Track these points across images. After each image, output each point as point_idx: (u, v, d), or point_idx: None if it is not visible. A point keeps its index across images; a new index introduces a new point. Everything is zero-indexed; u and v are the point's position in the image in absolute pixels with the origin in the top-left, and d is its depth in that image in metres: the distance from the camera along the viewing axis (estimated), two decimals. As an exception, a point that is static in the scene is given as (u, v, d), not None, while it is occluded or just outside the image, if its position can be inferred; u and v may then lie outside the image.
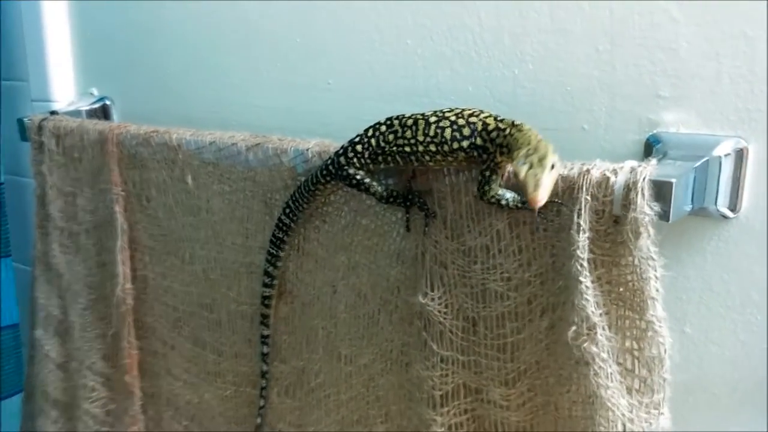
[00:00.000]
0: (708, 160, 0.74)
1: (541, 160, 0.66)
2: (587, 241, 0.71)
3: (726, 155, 0.76)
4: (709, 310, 0.82)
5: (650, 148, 0.80)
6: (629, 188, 0.69)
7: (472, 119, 0.76)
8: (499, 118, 0.75)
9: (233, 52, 1.19)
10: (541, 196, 0.65)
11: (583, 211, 0.71)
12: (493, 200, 0.72)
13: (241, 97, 1.19)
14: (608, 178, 0.70)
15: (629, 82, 0.83)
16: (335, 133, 0.92)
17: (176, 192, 1.08)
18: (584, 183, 0.71)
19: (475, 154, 0.76)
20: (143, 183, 1.12)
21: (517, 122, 0.74)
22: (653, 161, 0.70)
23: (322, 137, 0.94)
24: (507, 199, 0.75)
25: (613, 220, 0.72)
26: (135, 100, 1.37)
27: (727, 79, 0.77)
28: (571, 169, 0.73)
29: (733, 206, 0.77)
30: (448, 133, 0.76)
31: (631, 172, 0.69)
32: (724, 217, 0.77)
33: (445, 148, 0.77)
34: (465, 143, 0.75)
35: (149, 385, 1.22)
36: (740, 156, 0.76)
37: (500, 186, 0.76)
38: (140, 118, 1.24)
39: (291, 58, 1.08)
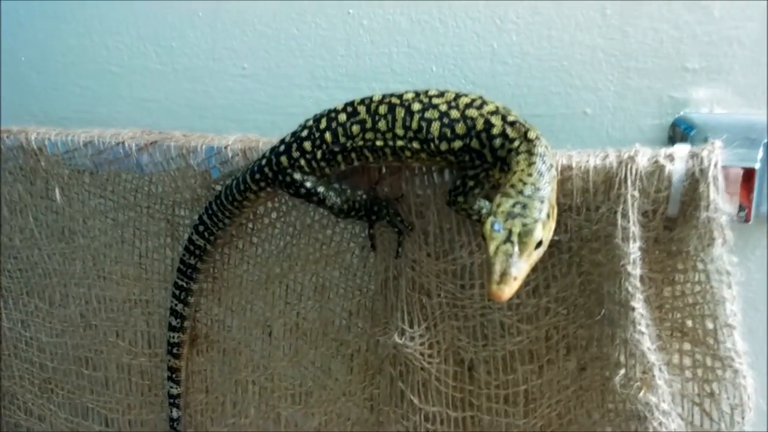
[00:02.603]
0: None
1: (527, 234, 0.48)
2: (639, 253, 0.53)
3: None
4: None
5: (678, 134, 0.65)
6: (695, 179, 0.52)
7: (471, 112, 0.57)
8: (509, 119, 0.56)
9: (109, 32, 0.95)
10: (505, 293, 0.46)
11: (630, 212, 0.54)
12: (461, 211, 0.60)
13: (124, 89, 0.96)
14: (662, 167, 0.53)
15: (645, 52, 0.69)
16: (254, 133, 0.77)
17: (39, 212, 0.89)
18: (628, 174, 0.54)
19: (467, 158, 0.58)
20: (-11, 201, 0.96)
21: (532, 133, 0.55)
22: (718, 142, 0.53)
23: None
24: (479, 213, 0.60)
25: (664, 224, 0.55)
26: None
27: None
28: (606, 157, 0.56)
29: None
30: (435, 128, 0.58)
31: (693, 158, 0.52)
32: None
33: (431, 147, 0.59)
34: (456, 144, 0.58)
35: (8, 473, 1.00)
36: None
37: (479, 198, 0.60)
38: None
39: (191, 37, 0.90)
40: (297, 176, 0.66)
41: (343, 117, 0.63)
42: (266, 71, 0.88)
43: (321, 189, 0.66)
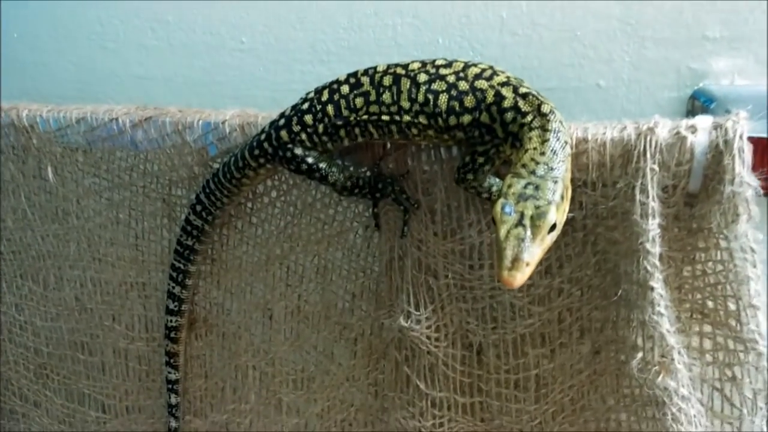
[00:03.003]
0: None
1: (540, 216, 0.45)
2: (658, 230, 0.51)
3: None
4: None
5: (698, 107, 0.62)
6: (719, 151, 0.49)
7: (480, 84, 0.54)
8: (521, 90, 0.53)
9: (103, 6, 0.94)
10: (517, 279, 0.44)
11: (649, 187, 0.51)
12: (470, 189, 0.58)
13: (119, 66, 0.94)
14: (683, 139, 0.51)
15: (663, 20, 0.66)
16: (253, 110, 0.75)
17: (31, 192, 0.87)
18: (647, 147, 0.51)
19: (477, 134, 0.55)
20: (-20, 182, 0.94)
21: (546, 107, 0.52)
22: (743, 113, 0.50)
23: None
24: (489, 191, 0.57)
25: (685, 200, 0.52)
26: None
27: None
28: (624, 129, 0.53)
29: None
30: (443, 101, 0.55)
31: (716, 129, 0.49)
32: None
33: (439, 122, 0.56)
34: (465, 118, 0.55)
35: (4, 459, 1.03)
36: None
37: (489, 176, 0.57)
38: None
39: (187, 11, 0.88)
40: (298, 151, 0.63)
41: (345, 89, 0.60)
42: (265, 46, 0.86)
43: (323, 165, 0.63)
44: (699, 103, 0.63)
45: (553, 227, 0.46)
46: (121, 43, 0.93)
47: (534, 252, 0.45)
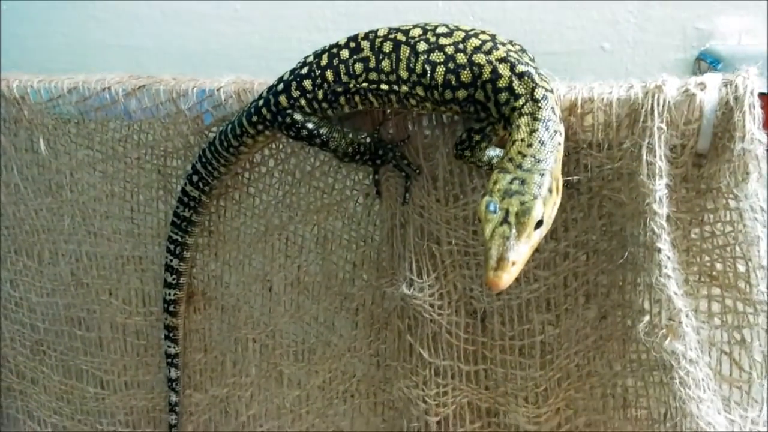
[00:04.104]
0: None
1: (525, 213, 0.44)
2: (665, 191, 0.49)
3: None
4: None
5: (704, 68, 0.61)
6: (729, 108, 0.48)
7: (478, 58, 0.53)
8: (518, 69, 0.51)
9: None
10: (503, 281, 0.43)
11: (656, 146, 0.50)
12: (470, 163, 0.57)
13: (110, 37, 0.92)
14: (692, 96, 0.49)
15: None
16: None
17: (23, 164, 0.85)
18: (655, 105, 0.50)
19: (472, 109, 0.54)
20: (-30, 156, 0.91)
21: (539, 91, 0.50)
22: (753, 69, 0.49)
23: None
24: (489, 163, 0.56)
25: (693, 161, 0.51)
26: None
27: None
28: (631, 87, 0.51)
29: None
30: (439, 73, 0.54)
31: (726, 86, 0.48)
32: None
33: (435, 95, 0.55)
34: (461, 93, 0.54)
35: (3, 437, 1.02)
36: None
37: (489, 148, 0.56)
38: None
39: None
40: (298, 117, 0.61)
41: (345, 53, 0.58)
42: (260, 13, 0.84)
43: (324, 131, 0.62)
44: (706, 63, 0.62)
45: (539, 223, 0.45)
46: (112, 13, 0.91)
47: (520, 250, 0.44)
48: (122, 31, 0.92)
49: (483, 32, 0.55)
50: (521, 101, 0.50)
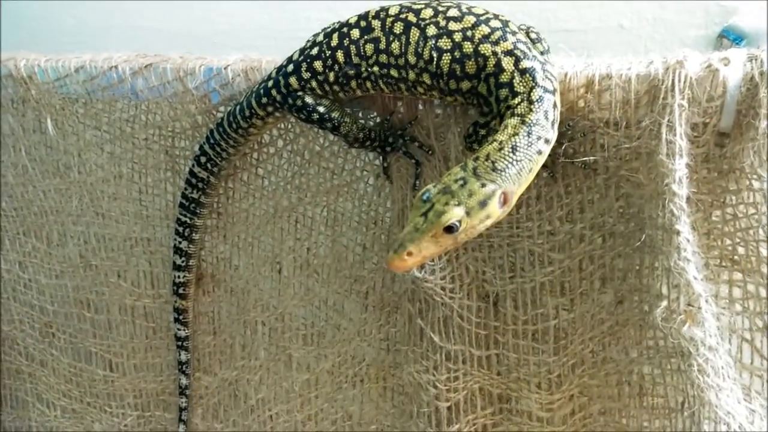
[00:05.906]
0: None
1: (437, 215, 0.45)
2: (685, 171, 0.47)
3: None
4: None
5: (726, 46, 0.60)
6: (754, 83, 0.46)
7: (484, 48, 0.51)
8: (522, 64, 0.50)
9: None
10: (394, 264, 0.46)
11: (677, 124, 0.48)
12: None
13: (118, 18, 0.91)
14: (715, 72, 0.47)
15: None
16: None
17: (31, 145, 0.85)
18: (676, 81, 0.48)
19: (475, 102, 0.54)
20: (-23, 137, 0.89)
21: (536, 92, 0.49)
22: (780, 45, 0.47)
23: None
24: None
25: (715, 141, 0.49)
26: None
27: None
28: (651, 63, 0.49)
29: None
30: (445, 62, 0.53)
31: (751, 61, 0.46)
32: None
33: (440, 83, 0.54)
34: (464, 85, 0.53)
35: (11, 419, 1.01)
36: None
37: None
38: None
39: None
40: (309, 100, 0.60)
41: (356, 33, 0.57)
42: (269, -8, 0.83)
43: (335, 114, 0.60)
44: (728, 41, 0.60)
45: (450, 229, 0.45)
46: (119, -8, 0.90)
47: (422, 246, 0.45)
48: (130, 12, 0.91)
49: (495, 18, 0.53)
50: (517, 100, 0.50)
